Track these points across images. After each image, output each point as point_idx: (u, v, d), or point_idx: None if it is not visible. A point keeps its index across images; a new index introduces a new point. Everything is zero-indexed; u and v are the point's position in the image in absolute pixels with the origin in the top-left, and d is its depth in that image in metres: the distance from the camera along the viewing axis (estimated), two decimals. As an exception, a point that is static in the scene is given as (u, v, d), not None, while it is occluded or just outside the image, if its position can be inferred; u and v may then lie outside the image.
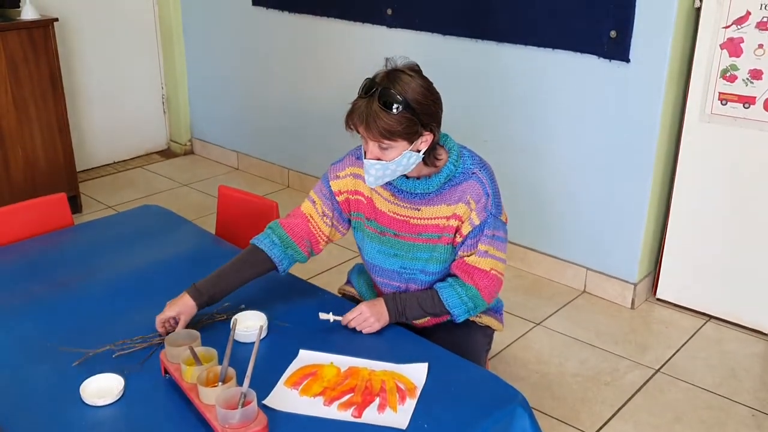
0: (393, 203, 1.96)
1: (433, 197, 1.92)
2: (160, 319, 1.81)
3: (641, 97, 3.02)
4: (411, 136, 1.80)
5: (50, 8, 4.16)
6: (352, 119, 1.81)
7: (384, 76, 1.82)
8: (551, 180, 3.38)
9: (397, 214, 1.96)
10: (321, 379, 1.64)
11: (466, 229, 1.91)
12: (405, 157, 1.82)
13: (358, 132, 1.82)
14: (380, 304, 1.89)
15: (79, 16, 4.48)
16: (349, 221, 2.06)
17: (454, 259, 1.96)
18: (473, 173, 1.92)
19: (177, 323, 1.80)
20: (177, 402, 1.58)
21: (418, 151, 1.84)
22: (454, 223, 1.92)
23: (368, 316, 1.86)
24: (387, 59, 1.88)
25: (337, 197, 2.01)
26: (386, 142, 1.78)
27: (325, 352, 1.74)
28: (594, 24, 3.03)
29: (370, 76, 1.84)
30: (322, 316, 1.86)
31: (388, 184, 1.94)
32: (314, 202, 2.03)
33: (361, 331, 1.85)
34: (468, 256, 1.92)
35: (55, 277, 2.12)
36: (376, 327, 1.86)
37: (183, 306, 1.82)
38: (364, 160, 1.85)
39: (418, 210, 1.94)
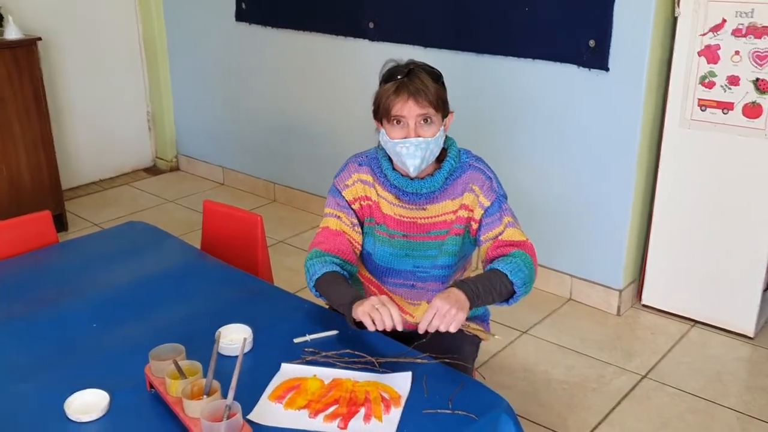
0: (398, 206, 1.99)
1: (438, 194, 1.96)
2: (372, 312, 1.69)
3: (621, 105, 3.05)
4: (446, 109, 1.91)
5: (33, 27, 4.17)
6: (395, 101, 1.84)
7: (399, 63, 1.92)
8: (533, 189, 3.40)
9: (404, 216, 1.99)
10: (305, 391, 1.64)
11: (478, 214, 1.95)
12: (440, 136, 1.90)
13: (398, 117, 1.85)
14: (454, 292, 1.71)
15: (62, 34, 4.49)
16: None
17: (479, 248, 1.96)
18: (470, 164, 1.99)
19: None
20: (162, 416, 1.58)
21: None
22: (464, 213, 1.96)
23: (448, 308, 1.65)
24: (388, 60, 1.95)
25: (352, 206, 2.02)
26: (432, 111, 1.85)
27: (309, 365, 1.74)
28: (573, 34, 3.07)
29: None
30: (297, 340, 1.84)
31: (393, 186, 1.98)
32: (339, 217, 2.01)
33: (445, 332, 1.66)
34: (500, 234, 1.91)
35: (39, 294, 2.11)
36: (461, 317, 1.66)
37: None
38: (410, 143, 1.86)
39: (425, 209, 1.97)
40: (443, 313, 1.65)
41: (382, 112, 1.90)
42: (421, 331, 1.68)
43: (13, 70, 3.77)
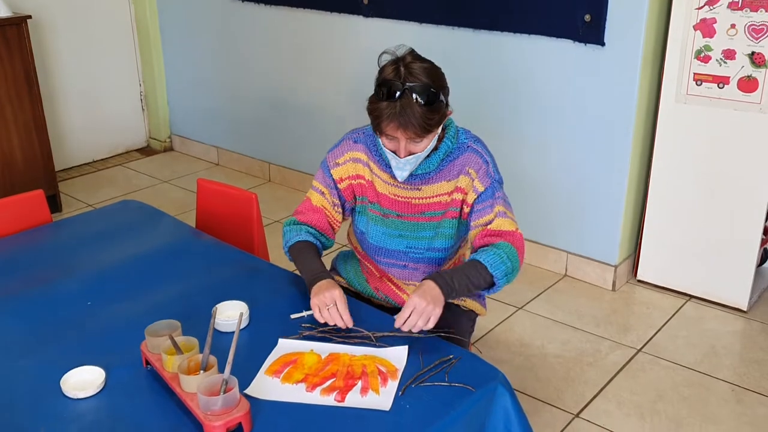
0: (393, 185, 1.98)
1: (433, 175, 1.95)
2: (321, 309, 1.76)
3: (617, 80, 3.04)
4: (441, 120, 1.86)
5: (23, 5, 4.13)
6: (387, 125, 1.80)
7: (397, 71, 1.81)
8: (529, 166, 3.40)
9: (398, 196, 1.98)
10: (302, 366, 1.64)
11: (471, 198, 1.93)
12: (433, 142, 1.88)
13: (389, 135, 1.83)
14: (429, 287, 1.74)
15: (53, 13, 4.44)
16: (351, 209, 2.08)
17: (468, 233, 1.96)
18: (468, 146, 1.96)
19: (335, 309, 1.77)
20: (159, 392, 1.58)
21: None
22: (458, 196, 1.95)
23: (425, 305, 1.69)
24: (383, 52, 1.88)
25: (339, 185, 2.02)
26: (424, 135, 1.82)
27: (306, 340, 1.74)
28: (569, 9, 3.05)
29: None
30: (294, 316, 1.84)
31: (388, 166, 1.96)
32: (323, 193, 2.03)
33: (420, 332, 1.72)
34: (489, 222, 1.90)
35: (34, 273, 2.11)
36: (438, 312, 1.70)
37: (334, 288, 1.79)
38: (399, 159, 1.86)
39: (420, 190, 1.96)
40: (420, 310, 1.69)
41: (374, 125, 1.86)
42: (397, 326, 1.71)
43: (2, 49, 3.73)
